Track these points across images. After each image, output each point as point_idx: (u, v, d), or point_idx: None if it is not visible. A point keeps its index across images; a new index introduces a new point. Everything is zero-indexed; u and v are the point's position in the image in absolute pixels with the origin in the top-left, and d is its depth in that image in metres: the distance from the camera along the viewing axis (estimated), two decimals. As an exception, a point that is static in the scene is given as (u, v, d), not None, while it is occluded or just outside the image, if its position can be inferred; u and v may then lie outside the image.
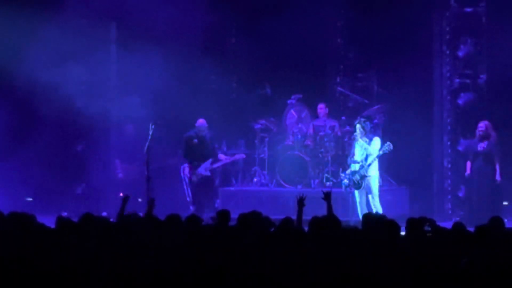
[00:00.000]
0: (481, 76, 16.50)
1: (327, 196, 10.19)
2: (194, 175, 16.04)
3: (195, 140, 16.13)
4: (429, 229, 9.05)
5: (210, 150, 16.25)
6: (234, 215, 9.59)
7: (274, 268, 7.07)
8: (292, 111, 17.23)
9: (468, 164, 15.59)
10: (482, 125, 15.47)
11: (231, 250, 7.76)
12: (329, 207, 10.11)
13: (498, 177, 15.28)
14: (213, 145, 16.42)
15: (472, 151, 15.58)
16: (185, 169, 16.16)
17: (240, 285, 6.84)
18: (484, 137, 15.43)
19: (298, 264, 7.19)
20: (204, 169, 16.08)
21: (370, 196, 14.12)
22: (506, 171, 15.86)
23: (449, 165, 16.65)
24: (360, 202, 14.21)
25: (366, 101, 17.37)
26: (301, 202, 9.96)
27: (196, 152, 16.12)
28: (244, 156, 16.93)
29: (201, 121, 16.21)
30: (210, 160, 16.15)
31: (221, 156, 16.47)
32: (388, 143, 14.08)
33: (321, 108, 17.12)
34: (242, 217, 9.24)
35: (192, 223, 9.08)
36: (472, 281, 6.94)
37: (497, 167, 15.30)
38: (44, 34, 15.94)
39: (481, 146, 15.47)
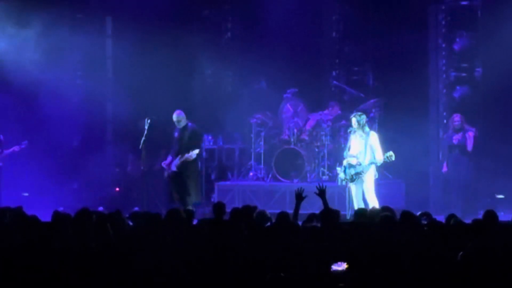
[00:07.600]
0: (477, 69, 16.51)
1: (321, 192, 10.17)
2: (167, 171, 15.26)
3: (175, 134, 15.24)
4: (425, 222, 9.08)
5: (184, 145, 14.98)
6: (230, 209, 9.64)
7: (269, 262, 7.09)
8: (288, 105, 17.22)
9: (444, 163, 15.70)
10: (458, 118, 15.54)
11: (225, 243, 7.77)
12: (325, 202, 10.09)
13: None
14: (195, 140, 15.09)
15: (447, 144, 15.69)
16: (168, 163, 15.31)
17: (234, 278, 6.85)
18: (459, 129, 15.51)
19: (293, 258, 7.21)
20: (174, 165, 15.11)
21: (365, 190, 14.01)
22: (500, 165, 15.90)
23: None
24: (356, 195, 14.11)
25: (362, 94, 17.37)
26: (299, 196, 9.96)
27: (175, 146, 15.20)
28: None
29: (176, 112, 15.17)
30: (180, 155, 15.01)
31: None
32: (390, 153, 13.82)
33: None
34: (234, 211, 9.28)
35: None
36: (468, 272, 6.96)
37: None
38: (40, 29, 15.92)
39: (456, 138, 15.56)
